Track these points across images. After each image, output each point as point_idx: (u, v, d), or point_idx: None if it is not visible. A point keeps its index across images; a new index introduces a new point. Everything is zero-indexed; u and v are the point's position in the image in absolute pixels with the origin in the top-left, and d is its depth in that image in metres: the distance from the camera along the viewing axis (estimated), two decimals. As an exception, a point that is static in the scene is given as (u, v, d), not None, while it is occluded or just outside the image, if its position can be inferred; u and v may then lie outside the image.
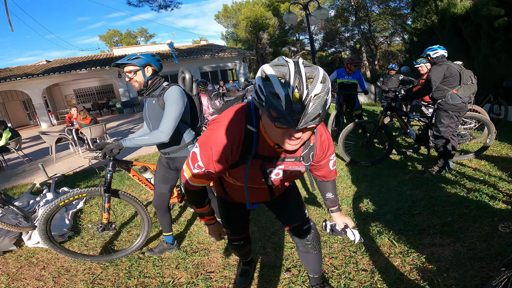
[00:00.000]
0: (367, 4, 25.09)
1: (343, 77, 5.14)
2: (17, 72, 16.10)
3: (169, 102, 1.99)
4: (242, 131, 1.07)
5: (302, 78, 0.79)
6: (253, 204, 1.36)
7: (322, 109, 0.82)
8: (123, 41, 39.39)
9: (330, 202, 1.52)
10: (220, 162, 1.11)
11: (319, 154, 1.28)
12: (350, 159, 4.09)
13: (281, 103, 0.79)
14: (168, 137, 1.97)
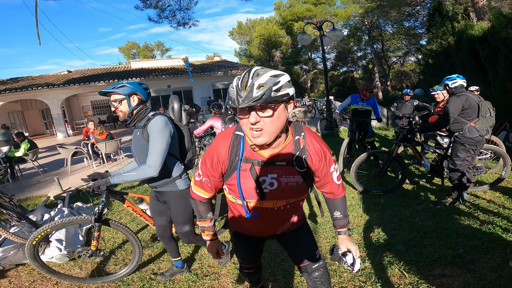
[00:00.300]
0: (381, 23, 25.16)
1: (357, 103, 5.04)
2: (39, 81, 16.72)
3: (153, 134, 1.89)
4: (231, 136, 1.23)
5: (250, 73, 1.01)
6: (252, 215, 1.30)
7: (266, 94, 0.97)
8: (140, 54, 40.65)
9: (338, 223, 1.42)
10: (214, 167, 1.26)
11: (315, 162, 1.23)
12: (363, 189, 4.03)
13: (234, 92, 1.01)
14: (157, 172, 1.88)
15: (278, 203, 1.27)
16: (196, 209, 1.45)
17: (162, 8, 10.17)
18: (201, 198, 1.41)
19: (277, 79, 1.01)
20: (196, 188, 1.40)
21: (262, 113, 1.02)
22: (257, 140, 1.07)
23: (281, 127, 1.09)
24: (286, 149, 1.19)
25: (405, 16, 21.11)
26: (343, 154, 5.01)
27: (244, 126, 1.08)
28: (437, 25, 11.20)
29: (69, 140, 14.18)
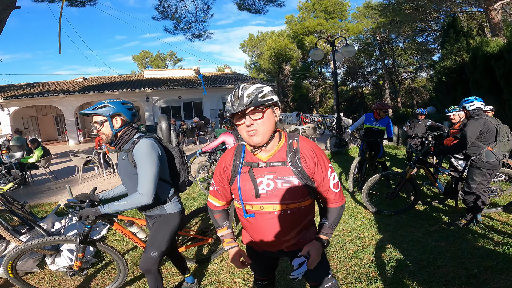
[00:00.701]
0: (393, 38, 25.09)
1: (370, 123, 4.97)
2: (55, 87, 17.15)
3: (140, 160, 1.77)
4: (235, 147, 1.45)
5: (239, 88, 1.26)
6: (249, 214, 1.36)
7: (254, 100, 1.21)
8: (153, 63, 41.49)
9: (321, 228, 1.40)
10: (222, 174, 1.43)
11: (309, 163, 1.31)
12: (375, 209, 4.01)
13: (229, 104, 1.27)
14: (150, 199, 1.77)
15: (277, 206, 1.31)
16: (213, 218, 1.54)
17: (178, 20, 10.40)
18: (214, 206, 1.53)
19: (261, 88, 1.25)
20: (210, 197, 1.54)
21: (254, 116, 1.25)
22: (253, 139, 1.25)
23: (272, 127, 1.28)
24: (280, 150, 1.34)
25: (418, 31, 20.95)
26: (353, 174, 4.92)
27: (242, 131, 1.28)
28: (451, 41, 11.02)
29: (80, 147, 14.39)
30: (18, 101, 15.08)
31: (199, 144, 11.85)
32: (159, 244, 1.96)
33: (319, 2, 26.69)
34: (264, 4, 10.03)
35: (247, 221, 1.40)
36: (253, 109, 1.23)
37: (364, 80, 30.83)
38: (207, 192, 5.33)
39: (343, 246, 3.20)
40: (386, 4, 17.52)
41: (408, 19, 17.28)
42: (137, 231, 2.63)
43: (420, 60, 24.54)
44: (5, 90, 16.54)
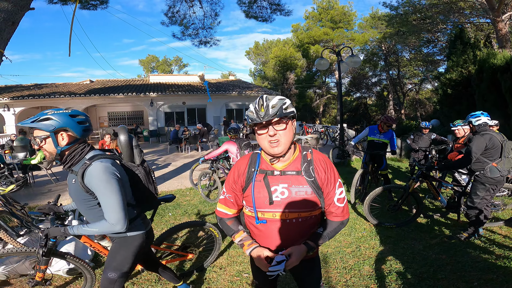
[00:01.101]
0: (398, 48, 25.11)
1: (374, 135, 4.96)
2: (62, 89, 17.33)
3: (98, 189, 1.53)
4: (250, 155, 1.49)
5: (263, 99, 1.30)
6: (261, 220, 1.39)
7: (279, 111, 1.26)
8: (159, 68, 41.94)
9: (312, 235, 1.40)
10: (235, 181, 1.44)
11: (321, 174, 1.37)
12: (377, 222, 4.01)
13: (253, 114, 1.29)
14: (124, 226, 1.59)
15: (289, 214, 1.35)
16: (226, 227, 1.50)
17: (186, 26, 10.53)
18: (225, 215, 1.51)
19: (284, 100, 1.31)
20: (220, 206, 1.52)
21: (277, 127, 1.29)
22: (275, 149, 1.30)
23: (292, 139, 1.33)
24: (295, 160, 1.39)
25: (424, 42, 20.99)
26: (355, 186, 4.89)
27: (263, 140, 1.32)
28: (458, 52, 10.94)
29: (83, 149, 14.43)
30: (24, 101, 15.25)
31: (201, 151, 11.85)
32: (117, 266, 1.79)
33: (325, 11, 26.97)
34: (271, 13, 10.13)
35: (257, 228, 1.42)
36: (278, 120, 1.28)
37: (368, 91, 30.86)
38: (208, 200, 5.30)
39: (343, 257, 3.18)
40: (393, 14, 17.63)
41: (415, 30, 17.36)
42: (108, 245, 2.53)
43: (426, 72, 24.51)
44: (12, 90, 16.75)
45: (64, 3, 7.85)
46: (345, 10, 26.92)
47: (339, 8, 26.78)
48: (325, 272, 2.90)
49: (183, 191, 6.00)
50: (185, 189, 6.15)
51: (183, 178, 7.19)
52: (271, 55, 29.41)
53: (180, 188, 6.24)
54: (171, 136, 12.25)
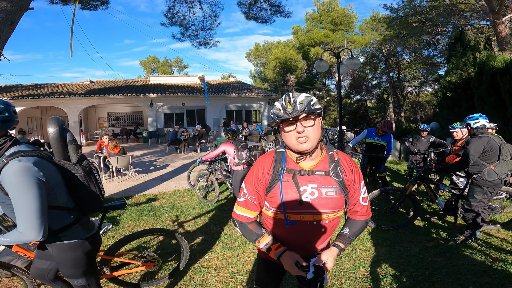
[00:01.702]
0: (398, 51, 25.06)
1: (372, 138, 4.99)
2: (61, 89, 17.29)
3: (12, 192, 1.32)
4: (273, 153, 1.42)
5: (289, 95, 1.27)
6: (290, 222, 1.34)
7: (307, 107, 1.23)
8: (159, 69, 41.94)
9: (341, 237, 1.41)
10: (259, 180, 1.36)
11: (348, 174, 1.36)
12: (375, 225, 3.99)
13: (281, 111, 1.26)
14: (40, 235, 1.37)
15: (317, 216, 1.32)
16: (248, 231, 1.41)
17: (186, 27, 10.50)
18: (247, 219, 1.42)
19: (310, 97, 1.28)
20: (240, 209, 1.42)
21: (305, 123, 1.26)
22: (303, 146, 1.25)
23: (319, 136, 1.30)
24: (323, 160, 1.36)
25: (424, 45, 20.96)
26: None
27: (290, 137, 1.28)
28: (458, 55, 10.95)
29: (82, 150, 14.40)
30: (24, 101, 15.23)
31: (200, 152, 11.83)
32: (75, 272, 1.68)
33: (326, 13, 27.01)
34: (272, 14, 10.10)
35: (284, 230, 1.37)
36: (306, 116, 1.25)
37: (368, 93, 30.81)
38: (205, 201, 5.28)
39: (339, 260, 3.17)
40: (394, 17, 17.65)
41: (415, 32, 17.37)
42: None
43: (426, 74, 24.50)
44: (12, 90, 16.74)
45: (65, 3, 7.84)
46: (345, 12, 26.97)
47: (340, 10, 26.82)
48: (320, 275, 2.87)
49: (180, 192, 5.98)
50: (182, 190, 6.13)
51: (181, 179, 7.17)
52: (271, 57, 29.41)
53: (177, 189, 6.22)
54: (170, 137, 12.23)
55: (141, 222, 4.36)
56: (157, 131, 17.03)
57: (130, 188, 6.40)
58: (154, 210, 4.86)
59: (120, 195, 5.78)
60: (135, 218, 4.50)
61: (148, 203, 5.27)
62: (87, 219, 1.76)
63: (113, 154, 6.89)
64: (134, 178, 7.26)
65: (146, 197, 5.68)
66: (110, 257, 2.33)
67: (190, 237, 3.78)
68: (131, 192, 6.06)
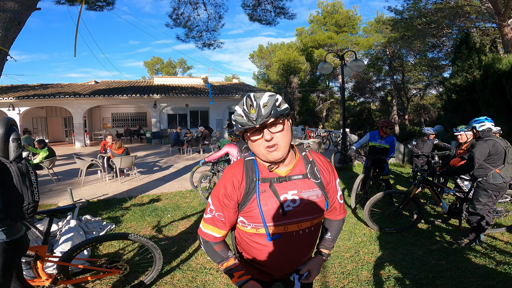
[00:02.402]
0: (403, 53, 24.90)
1: (375, 141, 4.95)
2: (67, 89, 17.44)
3: None
4: (243, 162, 1.26)
5: (251, 98, 1.11)
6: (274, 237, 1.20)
7: (273, 110, 1.08)
8: (163, 70, 42.17)
9: (324, 243, 1.39)
10: (229, 196, 1.20)
11: (325, 174, 1.29)
12: (377, 227, 3.97)
13: (243, 118, 1.11)
14: None
15: (302, 224, 1.22)
16: (213, 252, 1.27)
17: (190, 28, 10.53)
18: (214, 238, 1.26)
19: (275, 97, 1.13)
20: (207, 227, 1.26)
21: (273, 129, 1.12)
22: (274, 155, 1.13)
23: (290, 140, 1.18)
24: (298, 163, 1.25)
25: (429, 47, 20.79)
26: (356, 190, 4.85)
27: (258, 147, 1.14)
28: (463, 57, 10.85)
29: (86, 150, 14.51)
30: (29, 101, 15.37)
31: (203, 153, 11.85)
32: None
33: (330, 15, 27.00)
34: (275, 16, 10.10)
35: (266, 246, 1.21)
36: (273, 120, 1.10)
37: (372, 96, 30.69)
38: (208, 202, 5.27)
39: (342, 262, 3.16)
40: (398, 19, 17.58)
41: (420, 34, 17.29)
42: None
43: (430, 77, 24.35)
44: (17, 90, 16.91)
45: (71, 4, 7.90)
46: (349, 14, 26.93)
47: (344, 12, 26.79)
48: (323, 277, 2.85)
49: (183, 193, 5.99)
50: (185, 191, 6.13)
51: (183, 180, 7.18)
52: (275, 59, 29.45)
53: (180, 190, 6.23)
54: (173, 138, 12.26)
55: (144, 222, 4.36)
56: (161, 132, 17.10)
57: (133, 188, 6.42)
58: (157, 210, 4.87)
59: (123, 196, 5.79)
60: (137, 218, 4.51)
61: (151, 203, 5.28)
62: (11, 222, 1.67)
63: (117, 155, 6.92)
64: (137, 178, 7.29)
65: (149, 197, 5.69)
66: (65, 263, 2.25)
67: (193, 238, 3.78)
68: (134, 192, 6.08)
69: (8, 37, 3.93)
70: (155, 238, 3.82)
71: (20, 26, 4.24)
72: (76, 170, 7.90)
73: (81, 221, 4.14)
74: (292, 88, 28.65)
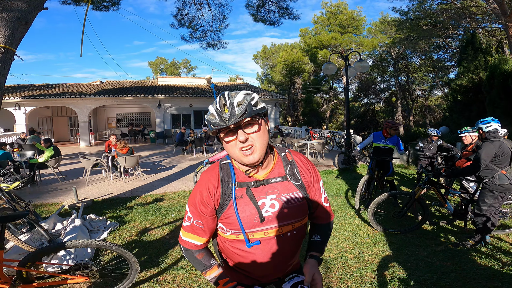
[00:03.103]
0: (408, 54, 24.73)
1: (379, 141, 4.91)
2: (72, 89, 17.60)
3: None
4: (218, 167, 1.20)
5: (224, 96, 1.06)
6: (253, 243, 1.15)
7: (248, 109, 1.03)
8: (167, 70, 42.38)
9: (313, 245, 1.28)
10: (205, 202, 1.15)
11: (306, 175, 1.23)
12: (381, 228, 3.95)
13: (215, 117, 1.05)
14: None
15: (283, 228, 1.16)
16: (195, 260, 1.22)
17: (194, 28, 10.58)
18: (194, 246, 1.21)
19: (251, 95, 1.07)
20: (186, 235, 1.22)
21: (249, 129, 1.06)
22: (249, 158, 1.07)
23: (267, 141, 1.12)
24: (277, 165, 1.20)
25: (434, 48, 20.62)
26: (360, 191, 4.82)
27: (232, 149, 1.09)
28: (469, 58, 10.81)
29: (90, 149, 14.61)
30: (35, 101, 15.52)
31: (206, 153, 11.87)
32: None
33: (334, 16, 26.95)
34: (279, 17, 10.12)
35: (247, 252, 1.17)
36: (248, 120, 1.05)
37: (376, 97, 30.54)
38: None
39: (345, 263, 3.14)
40: (403, 19, 17.48)
41: (425, 35, 17.17)
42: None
43: (436, 78, 24.19)
44: (24, 90, 17.08)
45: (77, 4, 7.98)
46: (354, 15, 26.86)
47: (348, 13, 26.73)
48: (326, 277, 2.84)
49: (187, 193, 6.00)
50: (188, 191, 6.14)
51: (187, 180, 7.20)
52: (278, 59, 29.44)
53: (184, 190, 6.24)
54: (176, 138, 12.31)
55: (147, 222, 4.38)
56: (165, 132, 17.16)
57: (137, 188, 6.45)
58: (161, 210, 4.89)
59: (127, 195, 5.82)
60: (141, 218, 4.52)
61: (154, 203, 5.30)
62: None
63: (121, 154, 6.96)
64: (141, 178, 7.32)
65: (152, 197, 5.71)
66: (22, 268, 2.18)
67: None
68: (138, 192, 6.10)
69: (15, 37, 3.96)
70: (158, 237, 3.83)
71: (27, 26, 4.27)
72: (81, 169, 7.95)
73: (85, 220, 4.16)
74: (296, 88, 28.60)
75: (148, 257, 3.29)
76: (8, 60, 3.83)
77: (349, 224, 4.24)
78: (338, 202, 5.33)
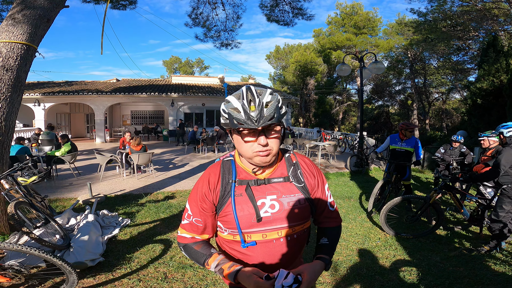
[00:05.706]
0: (425, 56, 24.14)
1: (396, 144, 4.79)
2: (90, 87, 18.08)
3: None
4: (220, 163, 1.18)
5: (253, 93, 0.99)
6: (249, 243, 1.10)
7: (276, 112, 0.98)
8: (181, 69, 42.91)
9: (322, 248, 1.18)
10: (206, 199, 1.13)
11: (310, 178, 1.19)
12: (393, 232, 3.87)
13: (240, 113, 0.97)
14: None
15: (282, 231, 1.11)
16: (193, 253, 1.15)
17: (209, 28, 10.68)
18: (192, 239, 1.18)
19: (277, 97, 1.02)
20: (184, 232, 1.19)
21: (270, 134, 1.03)
22: (264, 159, 1.04)
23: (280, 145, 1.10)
24: (280, 165, 1.17)
25: (454, 50, 19.95)
26: (375, 195, 4.72)
27: (247, 148, 1.03)
28: (490, 61, 10.47)
29: (105, 146, 14.94)
30: (54, 97, 15.99)
31: (217, 152, 11.94)
32: None
33: (349, 17, 26.59)
34: (293, 17, 10.08)
35: (243, 253, 1.13)
36: (273, 125, 1.01)
37: (391, 99, 29.93)
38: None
39: (355, 266, 3.10)
40: (421, 21, 17.08)
41: (444, 37, 16.70)
42: None
43: (454, 80, 23.46)
44: (44, 86, 17.64)
45: (97, 2, 8.17)
46: (369, 16, 26.42)
47: (363, 14, 26.32)
48: (334, 281, 2.81)
49: (197, 191, 6.05)
50: (199, 189, 6.19)
51: (198, 178, 7.25)
52: (291, 60, 29.29)
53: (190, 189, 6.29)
54: (188, 137, 12.43)
55: (158, 219, 4.43)
56: (177, 130, 17.36)
57: (149, 185, 6.55)
58: (171, 207, 4.94)
59: (139, 192, 5.92)
60: (152, 215, 4.58)
61: (165, 200, 5.36)
62: None
63: (135, 151, 7.08)
64: (153, 175, 7.43)
65: (164, 194, 5.78)
66: None
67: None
68: (150, 189, 6.20)
69: (37, 34, 4.05)
70: (168, 235, 3.87)
71: (49, 23, 4.36)
72: (96, 165, 8.14)
73: (98, 215, 4.25)
74: (309, 89, 28.39)
75: (157, 254, 3.33)
76: (30, 57, 3.93)
77: (360, 227, 4.18)
78: (349, 205, 5.26)
